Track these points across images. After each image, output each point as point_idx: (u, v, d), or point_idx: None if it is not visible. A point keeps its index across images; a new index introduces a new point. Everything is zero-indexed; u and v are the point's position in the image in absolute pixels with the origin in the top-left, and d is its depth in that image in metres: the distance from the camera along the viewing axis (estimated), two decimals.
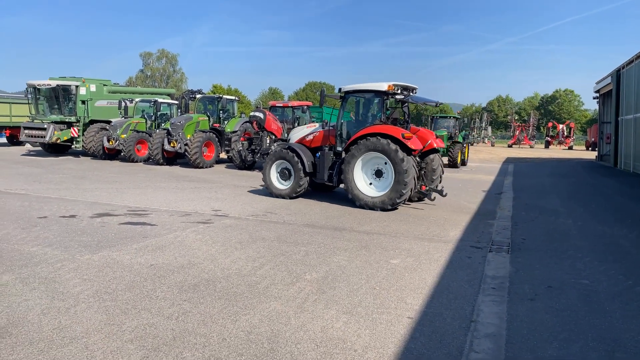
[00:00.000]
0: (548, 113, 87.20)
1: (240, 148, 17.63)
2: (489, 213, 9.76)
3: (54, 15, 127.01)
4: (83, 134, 20.44)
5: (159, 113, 21.34)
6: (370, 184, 9.96)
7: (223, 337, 3.67)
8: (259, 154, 17.31)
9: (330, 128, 10.72)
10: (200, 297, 4.51)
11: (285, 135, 18.49)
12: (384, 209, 9.50)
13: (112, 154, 20.47)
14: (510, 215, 9.44)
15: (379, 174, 9.85)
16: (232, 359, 3.34)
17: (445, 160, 21.76)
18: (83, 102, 20.64)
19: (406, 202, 10.21)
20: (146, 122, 20.96)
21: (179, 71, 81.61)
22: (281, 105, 19.78)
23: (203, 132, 18.26)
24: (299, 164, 10.51)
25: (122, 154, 20.05)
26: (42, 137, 19.90)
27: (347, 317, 4.13)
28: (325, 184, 10.68)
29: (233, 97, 21.48)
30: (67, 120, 20.47)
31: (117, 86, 24.59)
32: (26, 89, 20.88)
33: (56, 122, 20.21)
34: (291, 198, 10.70)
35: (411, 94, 10.59)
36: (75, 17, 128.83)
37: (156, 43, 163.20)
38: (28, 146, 25.45)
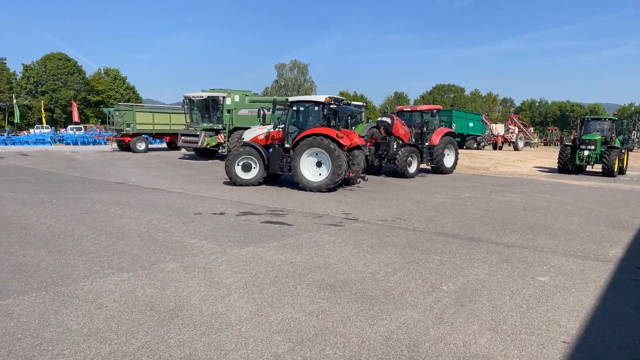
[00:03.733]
0: None
1: (367, 153, 17.80)
2: None
3: (203, 34, 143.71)
4: (228, 140, 22.69)
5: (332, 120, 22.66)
6: (318, 174, 12.76)
7: (362, 340, 3.72)
8: (386, 159, 17.31)
9: (279, 129, 13.45)
10: (338, 297, 4.64)
11: (413, 140, 18.26)
12: (325, 190, 12.42)
13: None
14: None
15: (319, 164, 12.78)
16: None
17: (600, 168, 19.28)
18: (229, 111, 22.89)
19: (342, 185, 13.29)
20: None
21: (309, 80, 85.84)
22: (409, 109, 19.49)
23: None
24: (261, 158, 13.29)
25: None
26: (195, 142, 22.61)
27: (492, 335, 3.87)
28: (277, 173, 13.60)
29: (361, 104, 21.85)
30: (215, 127, 22.91)
31: (257, 96, 26.76)
32: (183, 100, 23.87)
33: (206, 130, 22.75)
34: (253, 185, 13.26)
35: (340, 104, 13.76)
36: (220, 35, 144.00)
37: (289, 54, 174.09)
38: (183, 150, 29.00)
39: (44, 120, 56.01)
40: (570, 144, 20.60)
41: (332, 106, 13.33)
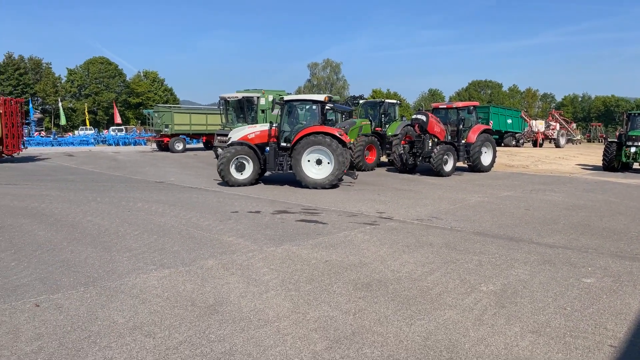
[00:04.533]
0: None
1: (402, 151, 17.63)
2: None
3: (237, 35, 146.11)
4: None
5: (325, 119, 22.74)
6: (315, 171, 12.90)
7: (400, 339, 3.70)
8: (420, 157, 17.08)
9: (272, 128, 13.32)
10: (374, 296, 4.63)
11: (449, 137, 17.93)
12: (329, 187, 12.71)
13: None
14: None
15: (319, 162, 12.93)
16: None
17: None
18: (262, 111, 23.20)
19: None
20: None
21: (342, 78, 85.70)
22: (445, 106, 19.14)
23: (365, 136, 18.80)
24: (256, 157, 13.11)
25: None
26: None
27: (534, 337, 3.76)
28: (274, 172, 13.62)
29: (395, 101, 21.65)
30: None
31: (290, 96, 26.98)
32: (219, 101, 24.37)
33: None
34: (248, 185, 12.96)
35: (334, 103, 14.44)
36: (253, 36, 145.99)
37: (321, 53, 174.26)
38: (219, 150, 29.63)
39: (87, 122, 58.48)
40: (616, 140, 19.70)
41: (329, 105, 13.71)
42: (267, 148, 13.26)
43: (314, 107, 13.64)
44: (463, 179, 15.89)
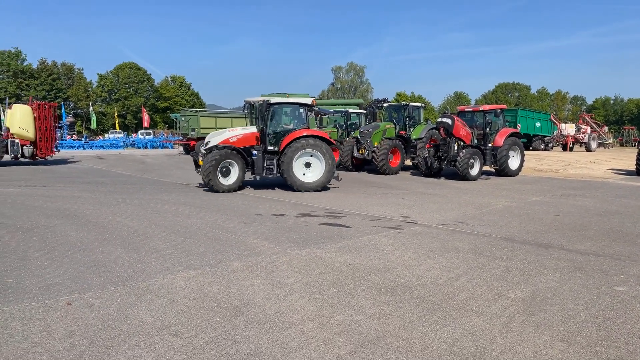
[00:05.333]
0: None
1: (426, 155, 17.45)
2: None
3: (261, 40, 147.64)
4: None
5: (349, 122, 22.75)
6: (304, 174, 12.97)
7: (425, 345, 3.66)
8: (446, 161, 16.87)
9: (254, 131, 13.14)
10: (399, 301, 4.59)
11: (475, 141, 17.65)
12: (320, 190, 12.83)
13: None
14: None
15: (307, 165, 12.98)
16: None
17: None
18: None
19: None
20: (338, 131, 22.55)
21: (365, 82, 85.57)
22: (471, 109, 18.87)
23: (389, 139, 18.70)
24: (243, 161, 12.70)
25: None
26: None
27: (565, 346, 3.66)
28: (261, 177, 13.14)
29: (419, 104, 21.46)
30: None
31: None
32: (243, 105, 24.62)
33: None
34: (232, 191, 12.47)
35: (318, 108, 14.55)
36: (277, 40, 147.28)
37: (345, 56, 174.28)
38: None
39: (117, 126, 60.05)
40: None
41: (314, 109, 13.88)
42: (255, 152, 12.92)
43: (301, 110, 13.64)
44: (490, 183, 15.61)
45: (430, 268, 5.71)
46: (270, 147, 13.12)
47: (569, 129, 37.97)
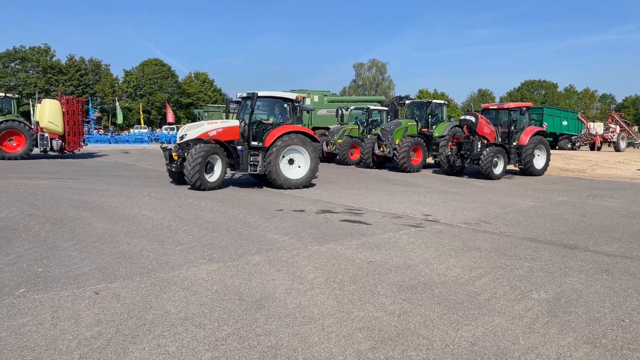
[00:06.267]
0: None
1: (449, 153, 17.25)
2: None
3: (283, 36, 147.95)
4: None
5: (370, 119, 22.66)
6: (291, 170, 12.75)
7: (446, 344, 3.64)
8: (469, 159, 16.65)
9: (236, 124, 12.36)
10: (419, 299, 4.58)
11: (499, 139, 17.35)
12: (302, 187, 12.65)
13: (329, 157, 22.65)
14: None
15: (291, 161, 12.79)
16: None
17: None
18: (308, 111, 23.39)
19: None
20: (359, 128, 22.50)
21: (387, 79, 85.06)
22: (495, 107, 18.55)
23: (411, 137, 18.54)
24: (226, 157, 12.11)
25: (337, 157, 22.02)
26: None
27: (589, 348, 3.59)
28: (245, 174, 13.12)
29: (442, 101, 21.22)
30: None
31: (335, 96, 27.07)
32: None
33: None
34: (216, 189, 11.89)
35: (299, 104, 13.67)
36: (298, 37, 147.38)
37: (367, 53, 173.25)
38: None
39: (142, 121, 61.24)
40: None
41: (296, 104, 13.40)
42: (240, 147, 12.39)
43: (285, 105, 13.20)
44: (514, 183, 15.34)
45: (451, 267, 5.67)
46: (254, 143, 12.57)
47: (597, 128, 36.95)
